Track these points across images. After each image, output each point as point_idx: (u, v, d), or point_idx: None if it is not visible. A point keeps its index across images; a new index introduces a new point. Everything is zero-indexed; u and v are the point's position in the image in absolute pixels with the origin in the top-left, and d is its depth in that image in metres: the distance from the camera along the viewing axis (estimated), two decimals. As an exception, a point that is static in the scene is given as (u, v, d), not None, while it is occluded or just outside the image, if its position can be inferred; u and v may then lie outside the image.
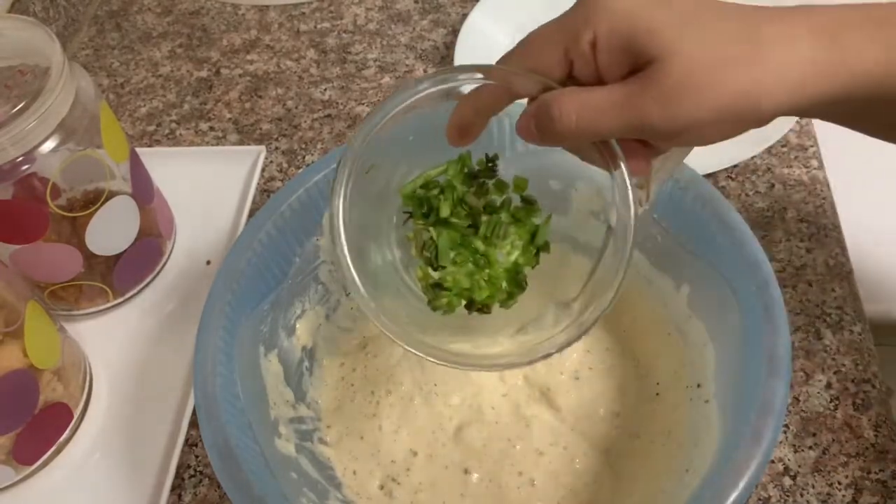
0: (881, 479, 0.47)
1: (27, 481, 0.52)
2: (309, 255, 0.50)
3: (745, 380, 0.40)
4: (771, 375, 0.38)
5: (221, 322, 0.44)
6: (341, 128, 0.72)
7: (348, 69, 0.78)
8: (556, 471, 0.48)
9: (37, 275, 0.56)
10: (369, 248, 0.44)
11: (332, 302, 0.53)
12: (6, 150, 0.48)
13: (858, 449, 0.49)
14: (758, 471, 0.36)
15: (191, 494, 0.51)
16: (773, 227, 0.60)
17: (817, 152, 0.64)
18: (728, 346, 0.43)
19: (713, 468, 0.38)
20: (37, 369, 0.50)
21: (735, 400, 0.40)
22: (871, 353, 0.53)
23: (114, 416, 0.55)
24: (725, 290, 0.43)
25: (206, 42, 0.83)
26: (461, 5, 0.82)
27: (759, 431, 0.37)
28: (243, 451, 0.40)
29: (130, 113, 0.76)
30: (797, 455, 0.49)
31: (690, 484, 0.40)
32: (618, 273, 0.38)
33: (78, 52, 0.84)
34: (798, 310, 0.55)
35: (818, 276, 0.57)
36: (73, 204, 0.54)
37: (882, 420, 0.50)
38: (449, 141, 0.40)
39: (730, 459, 0.37)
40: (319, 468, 0.47)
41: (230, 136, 0.73)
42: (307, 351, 0.51)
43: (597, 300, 0.39)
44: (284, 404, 0.47)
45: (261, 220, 0.47)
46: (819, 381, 0.52)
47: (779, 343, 0.39)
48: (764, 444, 0.36)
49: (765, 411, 0.37)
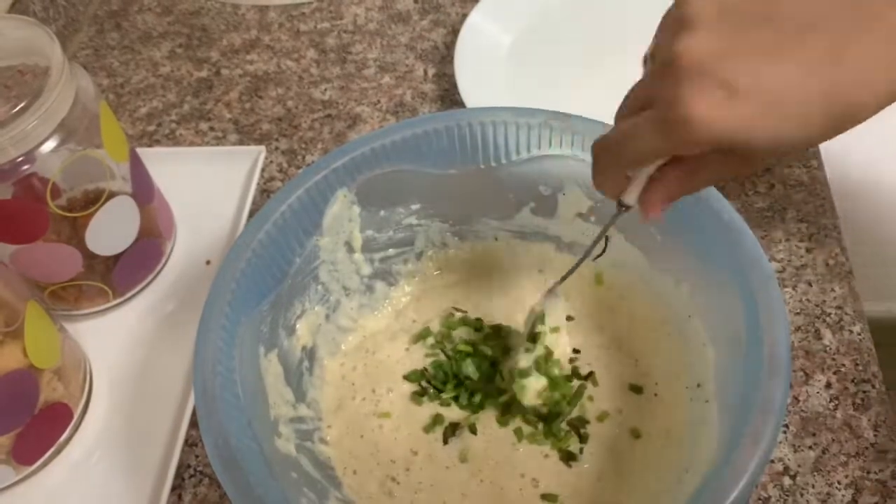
0: (881, 479, 0.47)
1: (27, 481, 0.52)
2: (309, 254, 0.50)
3: (745, 380, 0.40)
4: (771, 375, 0.38)
5: (221, 322, 0.44)
6: (341, 128, 0.72)
7: (348, 69, 0.78)
8: (559, 471, 0.48)
9: (37, 275, 0.56)
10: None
11: (332, 302, 0.53)
12: (6, 149, 0.48)
13: (858, 449, 0.49)
14: (757, 471, 0.36)
15: (191, 494, 0.51)
16: (773, 227, 0.60)
17: (817, 152, 0.64)
18: (728, 346, 0.44)
19: (713, 468, 0.38)
20: (37, 369, 0.50)
21: (735, 400, 0.40)
22: (871, 353, 0.53)
23: (114, 416, 0.55)
24: (725, 290, 0.43)
25: (207, 42, 0.83)
26: (461, 5, 0.82)
27: (758, 431, 0.37)
28: (243, 450, 0.40)
29: (130, 113, 0.76)
30: (797, 455, 0.49)
31: (690, 484, 0.40)
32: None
33: (78, 51, 0.84)
34: (798, 310, 0.55)
35: (818, 276, 0.57)
36: (74, 204, 0.54)
37: (882, 420, 0.50)
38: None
39: (729, 459, 0.37)
40: (319, 468, 0.47)
41: (230, 136, 0.73)
42: (307, 351, 0.51)
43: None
44: (284, 404, 0.47)
45: (261, 220, 0.47)
46: (819, 381, 0.52)
47: (779, 343, 0.39)
48: (763, 444, 0.36)
49: (765, 411, 0.37)
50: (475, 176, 0.51)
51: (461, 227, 0.55)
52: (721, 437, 0.40)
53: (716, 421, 0.42)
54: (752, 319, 0.41)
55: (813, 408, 0.51)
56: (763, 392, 0.38)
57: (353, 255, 0.53)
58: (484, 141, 0.50)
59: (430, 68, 0.76)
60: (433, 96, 0.74)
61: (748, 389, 0.39)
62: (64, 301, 0.58)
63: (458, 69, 0.71)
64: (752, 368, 0.39)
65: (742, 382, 0.40)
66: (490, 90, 0.70)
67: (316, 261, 0.51)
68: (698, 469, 0.41)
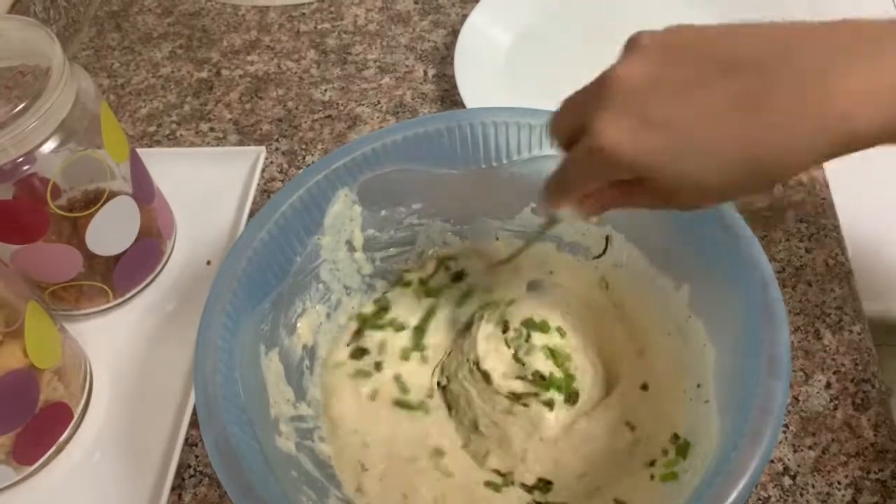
0: (881, 479, 0.48)
1: (27, 481, 0.52)
2: (310, 253, 0.50)
3: (745, 380, 0.40)
4: (770, 375, 0.38)
5: (222, 321, 0.44)
6: (341, 128, 0.72)
7: (348, 70, 0.78)
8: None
9: (37, 275, 0.56)
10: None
11: (332, 300, 0.53)
12: (7, 150, 0.48)
13: (858, 449, 0.49)
14: (757, 471, 0.36)
15: (191, 494, 0.51)
16: (772, 227, 0.60)
17: (817, 153, 0.64)
18: (728, 346, 0.44)
19: (713, 468, 0.38)
20: (37, 369, 0.50)
21: (735, 400, 0.40)
22: (871, 353, 0.53)
23: (114, 416, 0.55)
24: (725, 290, 0.43)
25: (207, 43, 0.83)
26: (461, 6, 0.83)
27: (758, 431, 0.37)
28: (244, 449, 0.40)
29: (131, 113, 0.76)
30: (797, 455, 0.49)
31: (690, 484, 0.40)
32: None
33: (78, 52, 0.84)
34: (798, 310, 0.55)
35: (818, 276, 0.57)
36: (74, 204, 0.54)
37: (881, 420, 0.50)
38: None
39: (729, 459, 0.37)
40: (319, 466, 0.47)
41: (230, 136, 0.73)
42: (308, 349, 0.52)
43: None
44: (285, 403, 0.47)
45: (262, 219, 0.48)
46: (818, 381, 0.52)
47: (778, 343, 0.39)
48: (763, 444, 0.36)
49: (764, 411, 0.37)
50: (476, 176, 0.51)
51: (462, 226, 0.55)
52: (721, 437, 0.40)
53: (715, 421, 0.42)
54: (752, 319, 0.41)
55: (813, 408, 0.51)
56: (763, 392, 0.38)
57: (355, 254, 0.53)
58: (484, 141, 0.50)
59: (430, 69, 0.76)
60: (433, 97, 0.74)
61: (748, 389, 0.39)
62: (64, 301, 0.58)
63: (458, 70, 0.71)
64: (752, 368, 0.39)
65: (742, 382, 0.40)
66: (490, 90, 0.70)
67: (317, 260, 0.51)
68: (698, 469, 0.41)
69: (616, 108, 0.33)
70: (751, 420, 0.37)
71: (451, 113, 0.51)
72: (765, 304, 0.41)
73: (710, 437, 0.42)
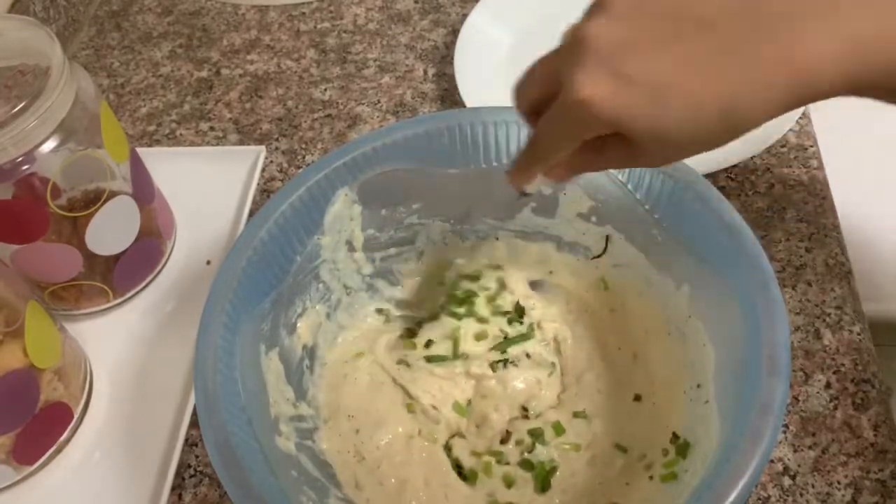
0: (880, 479, 0.48)
1: (27, 481, 0.52)
2: (310, 253, 0.50)
3: (745, 380, 0.40)
4: (770, 375, 0.38)
5: (222, 320, 0.44)
6: (341, 128, 0.72)
7: (348, 69, 0.78)
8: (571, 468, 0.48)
9: (37, 275, 0.56)
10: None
11: (332, 300, 0.53)
12: (6, 149, 0.48)
13: (858, 449, 0.49)
14: (757, 471, 0.36)
15: (191, 494, 0.51)
16: (772, 227, 0.60)
17: (817, 152, 0.64)
18: (728, 346, 0.44)
19: (713, 468, 0.38)
20: (37, 369, 0.50)
21: (734, 400, 0.40)
22: (871, 353, 0.53)
23: (114, 416, 0.55)
24: (725, 290, 0.43)
25: (207, 42, 0.83)
26: (461, 5, 0.82)
27: (758, 431, 0.37)
28: (244, 449, 0.40)
29: (131, 113, 0.76)
30: (797, 455, 0.49)
31: (690, 484, 0.40)
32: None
33: (78, 52, 0.84)
34: (798, 310, 0.55)
35: (818, 276, 0.57)
36: (74, 204, 0.54)
37: (881, 420, 0.50)
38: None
39: (729, 459, 0.37)
40: (319, 466, 0.47)
41: (230, 136, 0.73)
42: (308, 349, 0.52)
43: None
44: (285, 402, 0.47)
45: (262, 218, 0.48)
46: (818, 381, 0.52)
47: (778, 343, 0.39)
48: (763, 443, 0.36)
49: (764, 411, 0.37)
50: (476, 175, 0.51)
51: (462, 226, 0.55)
52: (720, 437, 0.40)
53: (715, 421, 0.42)
54: (752, 319, 0.41)
55: (813, 408, 0.51)
56: (763, 392, 0.38)
57: (355, 254, 0.53)
58: (484, 141, 0.50)
59: (430, 68, 0.76)
60: (433, 96, 0.74)
61: (748, 389, 0.39)
62: (64, 301, 0.58)
63: (458, 69, 0.71)
64: (752, 368, 0.39)
65: (742, 382, 0.40)
66: (490, 90, 0.70)
67: (317, 259, 0.51)
68: (698, 469, 0.41)
69: (592, 64, 0.34)
70: (751, 420, 0.37)
71: (451, 112, 0.51)
72: (765, 304, 0.41)
73: (710, 437, 0.42)
